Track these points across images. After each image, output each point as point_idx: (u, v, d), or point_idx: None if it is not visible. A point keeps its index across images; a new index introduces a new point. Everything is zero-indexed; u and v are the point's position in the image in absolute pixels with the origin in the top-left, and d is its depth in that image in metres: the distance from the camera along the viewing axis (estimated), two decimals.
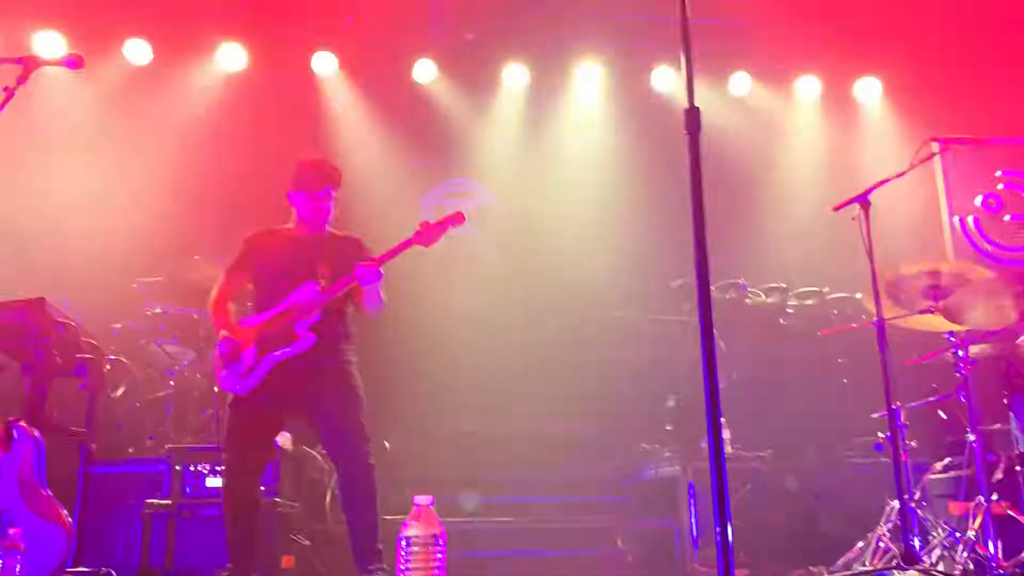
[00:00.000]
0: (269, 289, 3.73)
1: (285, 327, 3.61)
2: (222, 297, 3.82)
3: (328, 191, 3.82)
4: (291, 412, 3.81)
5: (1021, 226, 6.26)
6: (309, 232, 3.84)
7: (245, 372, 3.59)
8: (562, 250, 7.16)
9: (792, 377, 6.11)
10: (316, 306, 3.62)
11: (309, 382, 3.63)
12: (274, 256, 3.78)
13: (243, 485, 3.60)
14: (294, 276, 3.68)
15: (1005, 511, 3.78)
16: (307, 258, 3.72)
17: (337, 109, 7.25)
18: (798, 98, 7.74)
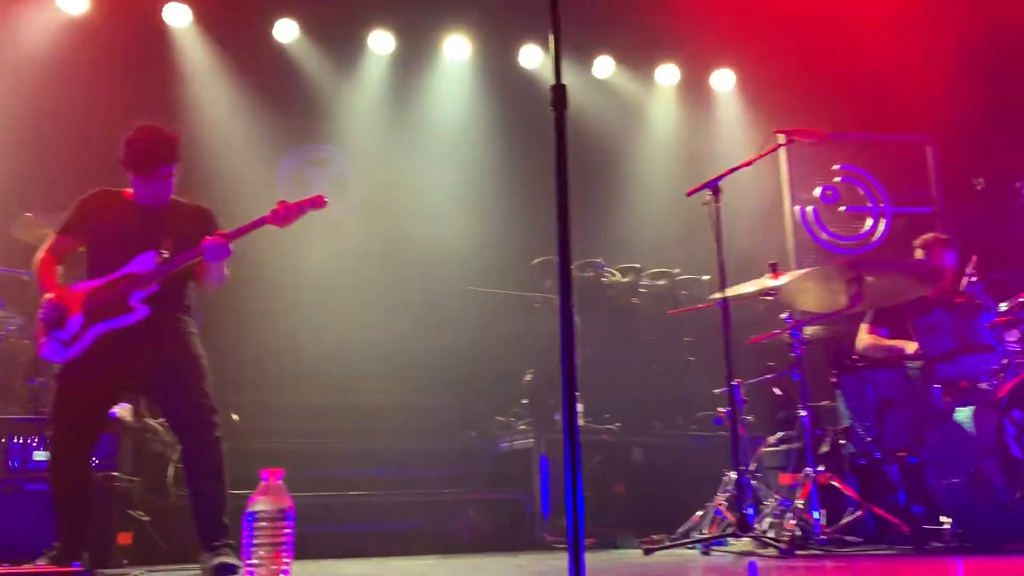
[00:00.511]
0: (105, 256, 3.48)
1: (118, 296, 3.39)
2: (49, 258, 3.53)
3: (165, 170, 3.52)
4: (127, 383, 3.60)
5: (855, 217, 6.73)
6: (151, 205, 3.60)
7: (68, 340, 3.35)
8: (424, 222, 7.10)
9: (642, 354, 6.35)
10: (155, 277, 3.41)
11: (147, 352, 3.43)
12: (113, 222, 3.53)
13: (71, 459, 3.38)
14: (134, 244, 3.45)
15: (829, 482, 4.07)
16: (150, 227, 3.49)
17: (190, 65, 6.86)
18: (658, 85, 7.99)
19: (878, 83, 6.67)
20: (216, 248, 3.39)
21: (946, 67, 6.56)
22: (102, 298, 3.39)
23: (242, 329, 6.40)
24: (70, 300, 3.39)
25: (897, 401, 4.11)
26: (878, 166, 6.81)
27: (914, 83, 6.55)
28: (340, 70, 7.30)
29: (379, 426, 6.09)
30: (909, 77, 6.54)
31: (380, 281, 7.10)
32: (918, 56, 6.53)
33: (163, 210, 3.60)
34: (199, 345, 3.59)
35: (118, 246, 3.47)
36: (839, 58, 6.77)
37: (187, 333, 3.57)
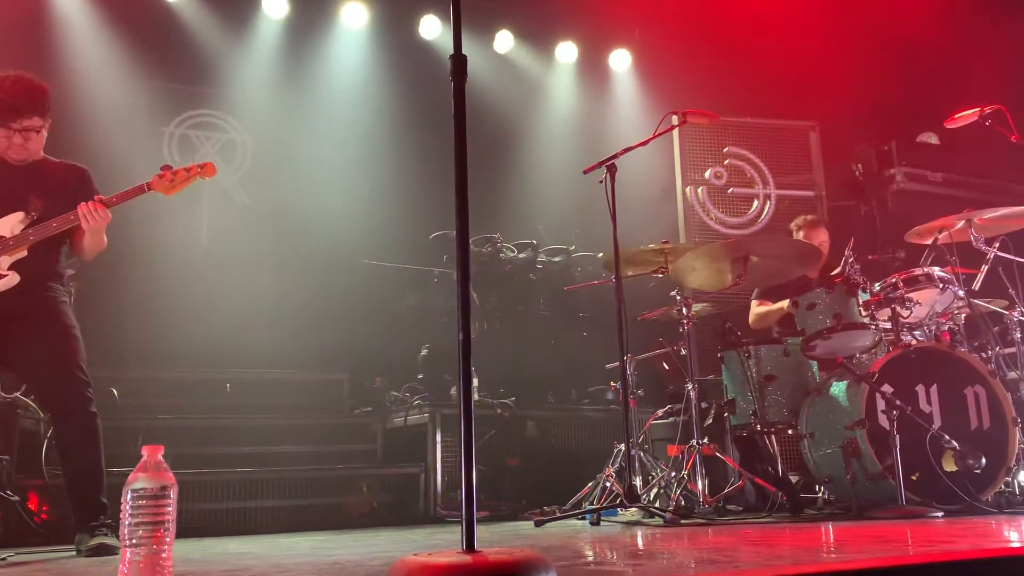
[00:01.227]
0: None
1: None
2: None
3: (30, 123, 3.29)
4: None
5: (741, 199, 6.96)
6: (19, 161, 3.37)
7: None
8: (319, 194, 6.93)
9: (538, 329, 6.42)
10: (23, 241, 3.20)
11: (15, 325, 3.23)
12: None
13: None
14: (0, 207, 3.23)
15: (713, 452, 4.23)
16: (17, 187, 3.27)
17: (66, 17, 6.45)
18: (557, 62, 8.03)
19: (768, 68, 6.89)
20: (93, 214, 3.21)
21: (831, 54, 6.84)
22: None
23: (125, 301, 6.12)
24: None
25: (777, 376, 4.30)
26: (765, 150, 7.06)
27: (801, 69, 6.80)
28: (231, 33, 7.01)
29: (271, 401, 5.95)
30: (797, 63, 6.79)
31: (272, 253, 6.91)
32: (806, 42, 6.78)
33: (32, 168, 3.38)
34: (71, 316, 3.40)
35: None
36: (732, 42, 6.95)
37: (59, 302, 3.38)
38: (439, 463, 5.25)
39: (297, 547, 3.39)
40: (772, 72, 6.90)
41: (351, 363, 6.40)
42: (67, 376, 3.28)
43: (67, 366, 3.29)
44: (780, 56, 6.81)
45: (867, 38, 6.88)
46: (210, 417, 5.55)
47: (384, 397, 6.08)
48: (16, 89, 3.28)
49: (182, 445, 4.97)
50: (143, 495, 1.82)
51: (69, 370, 3.29)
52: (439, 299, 6.24)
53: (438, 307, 6.22)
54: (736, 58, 6.91)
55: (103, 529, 3.21)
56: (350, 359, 6.41)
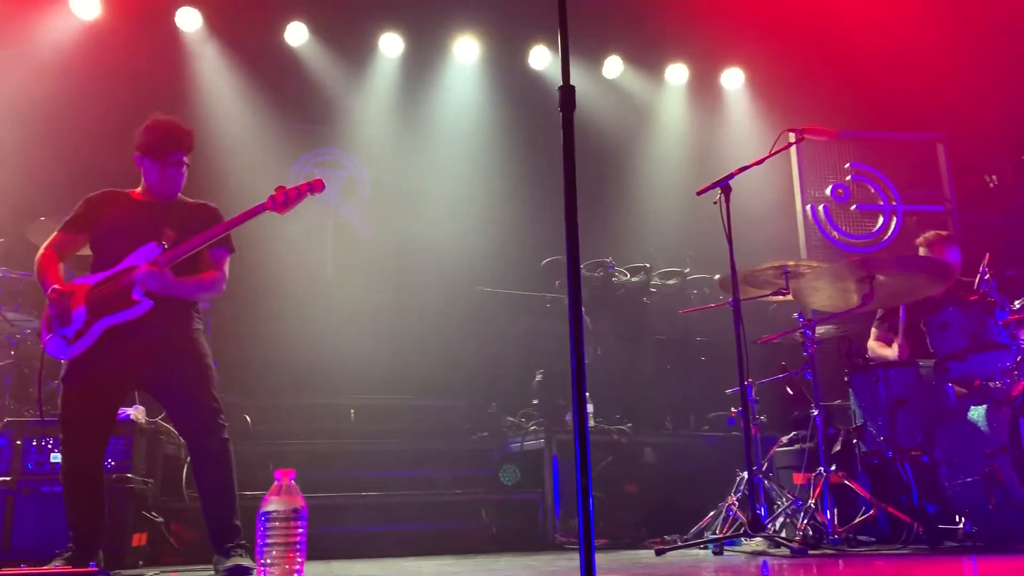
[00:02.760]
0: (108, 251, 3.47)
1: (121, 290, 3.35)
2: (50, 254, 3.51)
3: (178, 157, 3.58)
4: (134, 385, 3.61)
5: (866, 215, 6.70)
6: (158, 199, 3.62)
7: (73, 337, 3.33)
8: (434, 223, 7.12)
9: (653, 354, 6.34)
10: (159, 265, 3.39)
11: (151, 353, 3.41)
12: (117, 219, 3.52)
13: (81, 462, 3.36)
14: (136, 239, 3.43)
15: (841, 481, 4.06)
16: (152, 222, 3.48)
17: (201, 68, 6.92)
18: (667, 84, 7.99)
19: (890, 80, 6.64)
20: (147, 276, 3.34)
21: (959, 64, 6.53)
22: (104, 291, 3.37)
23: (255, 331, 6.43)
24: (73, 294, 3.37)
25: (910, 400, 4.10)
26: (890, 164, 6.78)
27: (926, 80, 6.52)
28: (350, 72, 7.33)
29: (391, 427, 6.11)
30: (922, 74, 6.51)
31: (391, 282, 7.13)
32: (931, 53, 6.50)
33: (168, 205, 3.62)
34: (205, 343, 3.57)
35: (121, 240, 3.45)
36: (850, 55, 6.74)
37: (192, 330, 3.55)
38: (556, 489, 5.24)
39: (421, 571, 3.45)
40: (893, 84, 6.64)
41: (468, 389, 6.51)
42: (201, 404, 3.43)
43: (201, 394, 3.45)
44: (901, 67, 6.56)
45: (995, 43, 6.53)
46: (335, 442, 5.74)
47: (500, 423, 6.14)
48: (168, 129, 3.59)
49: (309, 469, 5.16)
50: (276, 517, 1.91)
51: (203, 398, 3.44)
52: (552, 324, 6.26)
53: (551, 332, 6.24)
54: (854, 71, 6.69)
55: (238, 550, 3.35)
56: (467, 385, 6.52)
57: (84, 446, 3.38)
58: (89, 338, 3.33)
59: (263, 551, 1.92)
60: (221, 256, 3.62)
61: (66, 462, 3.39)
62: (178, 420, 3.57)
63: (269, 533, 1.91)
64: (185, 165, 3.63)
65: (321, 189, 3.55)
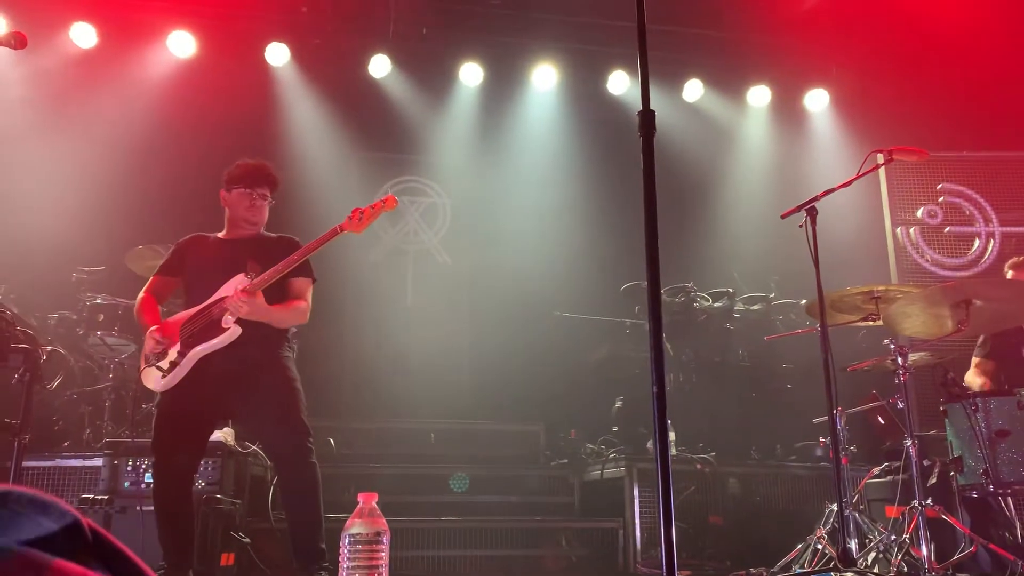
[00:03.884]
0: (199, 288, 3.63)
1: (211, 320, 3.50)
2: (149, 298, 3.73)
3: (266, 191, 3.76)
4: (225, 410, 3.73)
5: (960, 239, 6.44)
6: (242, 235, 3.77)
7: (167, 369, 3.48)
8: (513, 250, 7.17)
9: (737, 381, 6.20)
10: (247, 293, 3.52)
11: (242, 378, 3.52)
12: (205, 258, 3.70)
13: (172, 483, 3.49)
14: (224, 274, 3.57)
15: (938, 515, 3.87)
16: (238, 256, 3.63)
17: (289, 101, 7.16)
18: (749, 107, 7.88)
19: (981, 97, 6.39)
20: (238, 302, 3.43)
21: None
22: (196, 324, 3.52)
23: (340, 356, 6.57)
24: (169, 332, 3.54)
25: (1011, 431, 3.89)
26: (985, 184, 6.51)
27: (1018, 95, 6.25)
28: (431, 102, 7.47)
29: (470, 451, 6.13)
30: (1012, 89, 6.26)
31: (470, 307, 7.19)
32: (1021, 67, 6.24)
33: (252, 239, 3.76)
34: (293, 368, 3.67)
35: (210, 277, 3.61)
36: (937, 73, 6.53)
37: (280, 356, 3.65)
38: (637, 518, 5.15)
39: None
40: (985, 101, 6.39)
41: (546, 414, 6.48)
42: (290, 427, 3.52)
43: (290, 417, 3.53)
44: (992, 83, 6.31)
45: None
46: (416, 466, 5.79)
47: (579, 449, 6.08)
48: (259, 165, 3.80)
49: (390, 493, 5.22)
50: (359, 540, 1.94)
51: (292, 421, 3.53)
52: (632, 350, 6.20)
53: (631, 358, 6.18)
54: (943, 89, 6.47)
55: (322, 573, 3.41)
56: (545, 410, 6.50)
57: (172, 471, 3.50)
58: (182, 369, 3.48)
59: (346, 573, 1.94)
60: (304, 285, 3.73)
61: (156, 485, 3.52)
62: (267, 444, 3.67)
63: (352, 555, 1.93)
64: (269, 199, 3.77)
65: (394, 205, 3.63)
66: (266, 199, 3.76)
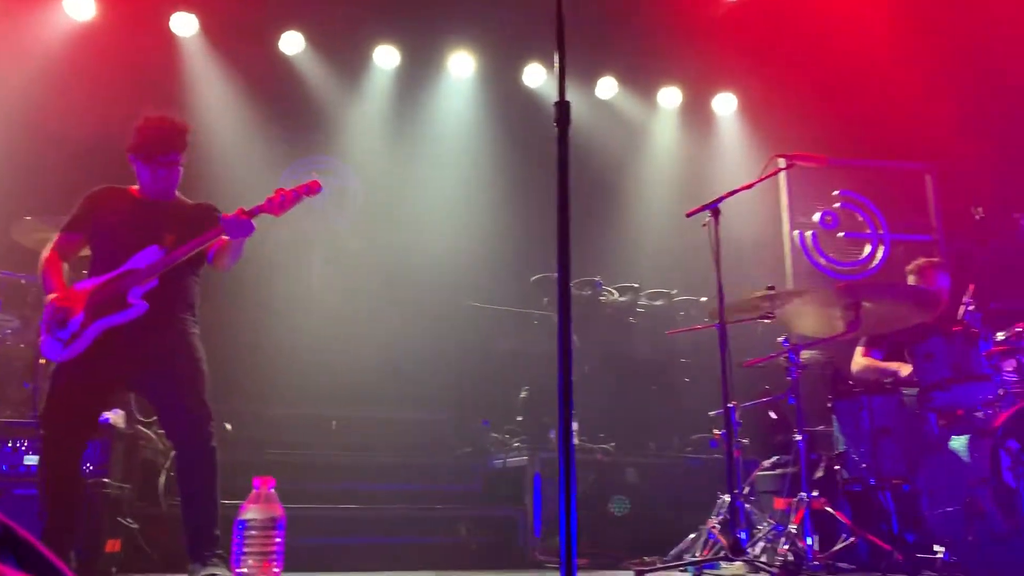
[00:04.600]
0: (108, 254, 3.47)
1: (118, 293, 3.35)
2: (54, 257, 3.51)
3: (170, 157, 3.53)
4: (123, 386, 3.58)
5: (853, 243, 6.74)
6: (157, 198, 3.61)
7: (68, 339, 3.31)
8: (423, 237, 7.12)
9: (638, 374, 6.33)
10: (155, 271, 3.39)
11: (145, 354, 3.39)
12: (116, 218, 3.51)
13: (61, 463, 3.33)
14: (136, 241, 3.42)
15: (823, 507, 4.05)
16: (152, 223, 3.48)
17: (196, 73, 6.89)
18: (660, 107, 8.03)
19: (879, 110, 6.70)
20: (238, 224, 3.35)
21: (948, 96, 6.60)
22: (102, 296, 3.36)
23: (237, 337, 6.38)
24: (73, 300, 3.36)
25: (893, 428, 4.10)
26: (878, 193, 6.83)
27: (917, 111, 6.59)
28: (345, 83, 7.33)
29: (372, 439, 6.07)
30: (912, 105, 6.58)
31: (379, 294, 7.10)
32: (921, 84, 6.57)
33: (167, 206, 3.60)
34: (200, 347, 3.54)
35: (121, 241, 3.45)
36: (841, 85, 6.80)
37: (188, 333, 3.52)
38: (537, 507, 5.21)
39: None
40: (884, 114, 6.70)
41: (454, 403, 6.47)
42: (192, 409, 3.40)
43: (193, 399, 3.42)
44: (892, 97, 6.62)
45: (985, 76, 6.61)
46: (316, 454, 5.69)
47: (484, 438, 6.11)
48: (160, 128, 3.54)
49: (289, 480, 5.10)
50: (254, 526, 1.89)
51: (195, 403, 3.41)
52: (539, 341, 6.25)
53: (538, 349, 6.23)
54: (846, 100, 6.75)
55: (215, 559, 3.31)
56: (453, 399, 6.49)
57: (65, 445, 3.34)
58: (84, 340, 3.32)
59: (239, 560, 1.89)
60: None
61: (45, 461, 3.35)
62: (168, 423, 3.53)
63: (246, 541, 1.88)
64: (178, 164, 3.59)
65: (318, 191, 3.55)
66: (174, 166, 3.56)
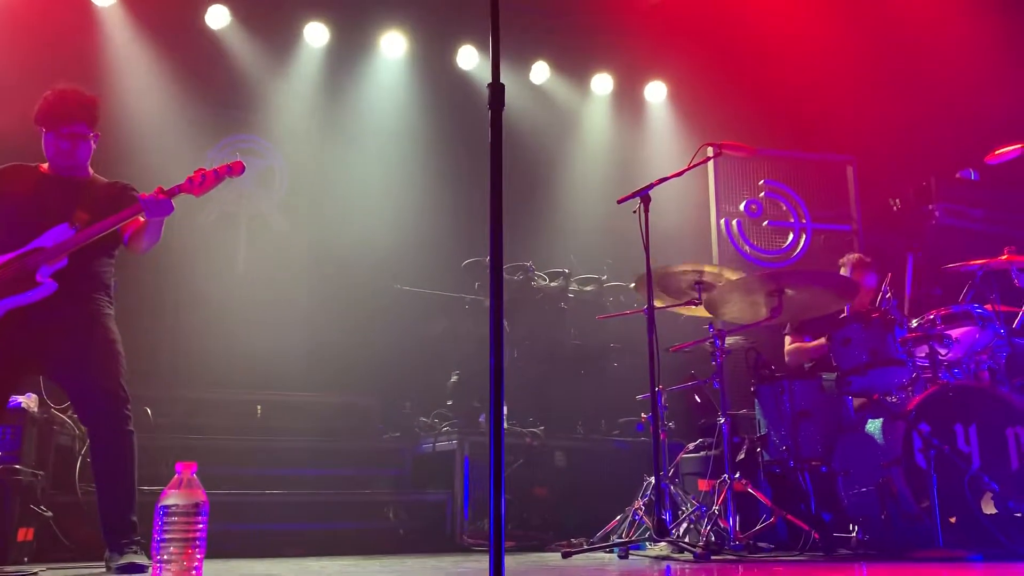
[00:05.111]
0: (15, 229, 3.32)
1: (25, 271, 3.22)
2: None
3: (75, 128, 3.40)
4: (34, 368, 3.44)
5: (777, 232, 6.91)
6: (68, 175, 3.47)
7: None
8: (353, 218, 7.01)
9: (568, 358, 6.39)
10: (66, 248, 3.26)
11: (55, 334, 3.27)
12: (24, 195, 3.37)
13: None
14: (46, 216, 3.30)
15: (745, 488, 4.16)
16: (63, 201, 3.34)
17: (114, 45, 6.62)
18: (592, 93, 8.08)
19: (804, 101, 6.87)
20: (156, 203, 3.24)
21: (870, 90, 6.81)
22: (6, 273, 3.22)
23: (160, 321, 6.21)
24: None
25: (812, 412, 4.23)
26: (802, 183, 7.01)
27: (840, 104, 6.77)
28: (272, 60, 7.15)
29: (300, 424, 5.97)
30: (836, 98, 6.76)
31: (306, 276, 6.99)
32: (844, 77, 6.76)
33: (79, 183, 3.46)
34: (114, 328, 3.42)
35: (30, 218, 3.32)
36: (767, 76, 6.95)
37: (101, 314, 3.41)
38: (466, 491, 5.22)
39: (325, 572, 3.38)
40: (809, 106, 6.87)
41: (382, 387, 6.42)
42: (107, 392, 3.30)
43: (108, 381, 3.32)
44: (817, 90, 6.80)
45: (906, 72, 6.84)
46: (241, 438, 5.58)
47: (413, 422, 6.08)
48: (65, 97, 3.41)
49: (213, 465, 5.00)
50: (176, 512, 1.84)
51: (109, 386, 3.31)
52: (470, 326, 6.24)
53: (469, 334, 6.23)
54: (773, 92, 6.90)
55: (133, 547, 3.22)
56: (381, 383, 6.43)
57: None
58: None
59: (160, 547, 1.84)
60: None
61: None
62: (81, 407, 3.41)
63: (167, 528, 1.83)
64: (87, 137, 3.45)
65: (241, 171, 3.46)
66: (80, 139, 3.42)
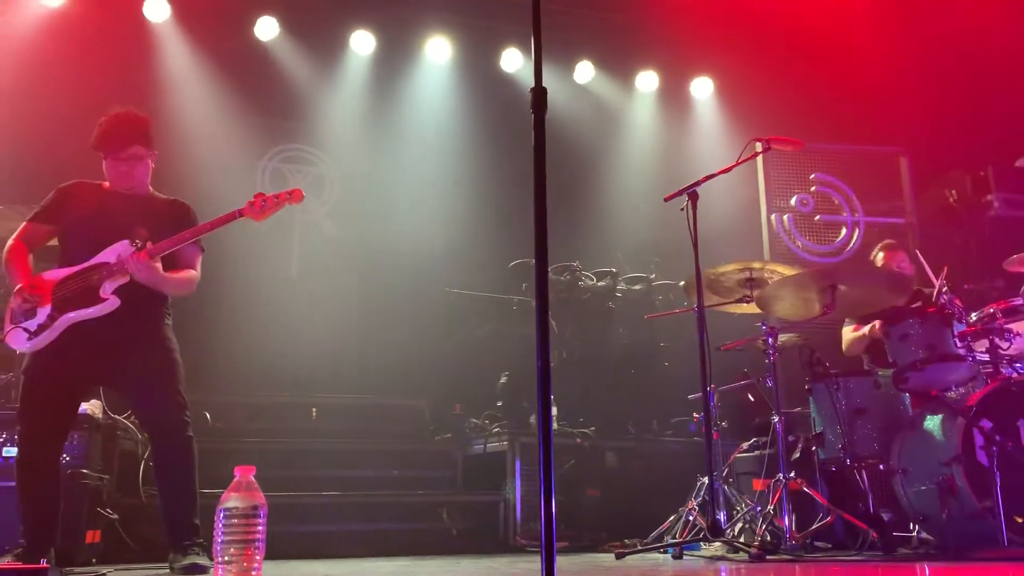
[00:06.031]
0: (78, 245, 3.44)
1: (89, 287, 3.34)
2: (20, 246, 3.48)
3: (132, 150, 3.51)
4: (97, 379, 3.57)
5: (829, 227, 6.80)
6: (126, 192, 3.58)
7: (35, 331, 3.30)
8: (401, 223, 7.10)
9: (617, 358, 6.37)
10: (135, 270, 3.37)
11: (118, 347, 3.38)
12: (88, 212, 3.49)
13: (39, 456, 3.32)
14: (108, 235, 3.41)
15: (800, 488, 4.11)
16: (125, 218, 3.46)
17: (168, 60, 6.80)
18: (637, 91, 8.03)
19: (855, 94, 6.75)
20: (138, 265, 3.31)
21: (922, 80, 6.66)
22: (72, 287, 3.34)
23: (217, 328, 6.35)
24: (40, 289, 3.34)
25: (868, 409, 4.16)
26: (853, 176, 6.89)
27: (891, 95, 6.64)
28: (320, 69, 7.26)
29: (354, 426, 6.06)
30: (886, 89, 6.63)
31: (358, 281, 7.08)
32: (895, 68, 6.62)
33: (139, 200, 3.57)
34: (172, 338, 3.54)
35: (91, 235, 3.43)
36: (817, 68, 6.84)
37: (160, 326, 3.52)
38: (518, 492, 5.23)
39: (380, 572, 3.43)
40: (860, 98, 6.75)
41: (432, 389, 6.47)
42: (166, 399, 3.41)
43: (166, 389, 3.42)
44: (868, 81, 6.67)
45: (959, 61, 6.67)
46: (296, 441, 5.69)
47: (463, 424, 6.12)
48: (120, 121, 3.52)
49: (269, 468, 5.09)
50: (235, 514, 1.89)
51: (168, 393, 3.41)
52: (518, 327, 6.26)
53: (517, 335, 6.24)
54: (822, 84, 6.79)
55: (195, 548, 3.31)
56: (431, 385, 6.49)
57: (42, 439, 3.33)
58: (52, 333, 3.31)
59: (221, 548, 1.89)
60: (194, 255, 3.61)
61: (22, 455, 3.34)
62: (142, 415, 3.53)
63: (227, 530, 1.88)
64: (144, 158, 3.56)
65: (300, 199, 3.55)
66: (138, 159, 3.54)
